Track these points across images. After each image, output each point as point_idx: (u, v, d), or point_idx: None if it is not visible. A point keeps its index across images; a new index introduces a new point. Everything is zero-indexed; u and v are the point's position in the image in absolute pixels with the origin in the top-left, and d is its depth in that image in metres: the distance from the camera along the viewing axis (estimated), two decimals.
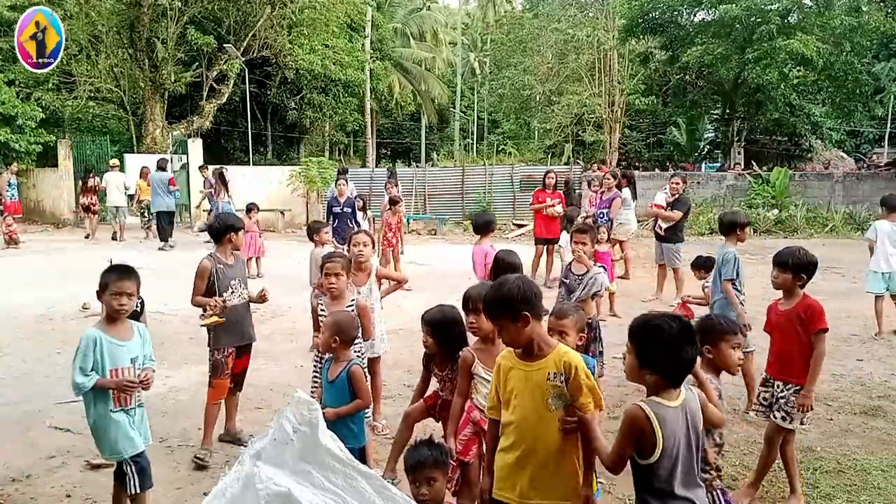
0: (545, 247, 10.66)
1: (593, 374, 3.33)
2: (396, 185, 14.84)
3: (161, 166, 15.37)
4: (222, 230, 4.62)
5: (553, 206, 10.47)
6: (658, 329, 2.40)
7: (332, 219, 10.50)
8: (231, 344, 4.60)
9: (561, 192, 11.23)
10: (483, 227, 6.42)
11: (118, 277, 3.40)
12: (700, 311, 8.44)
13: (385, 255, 10.69)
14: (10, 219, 15.16)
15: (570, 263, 5.46)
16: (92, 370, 3.31)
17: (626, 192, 11.34)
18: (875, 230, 7.74)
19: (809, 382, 3.81)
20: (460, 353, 3.35)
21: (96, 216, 16.77)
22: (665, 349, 2.37)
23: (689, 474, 2.42)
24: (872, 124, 29.74)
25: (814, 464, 4.35)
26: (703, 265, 8.60)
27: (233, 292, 4.56)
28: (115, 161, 17.27)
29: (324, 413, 3.24)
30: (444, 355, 3.59)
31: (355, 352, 3.65)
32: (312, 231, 7.28)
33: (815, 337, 3.80)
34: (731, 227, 5.49)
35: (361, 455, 3.53)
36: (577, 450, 2.65)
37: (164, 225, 14.62)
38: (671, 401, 2.38)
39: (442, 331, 3.53)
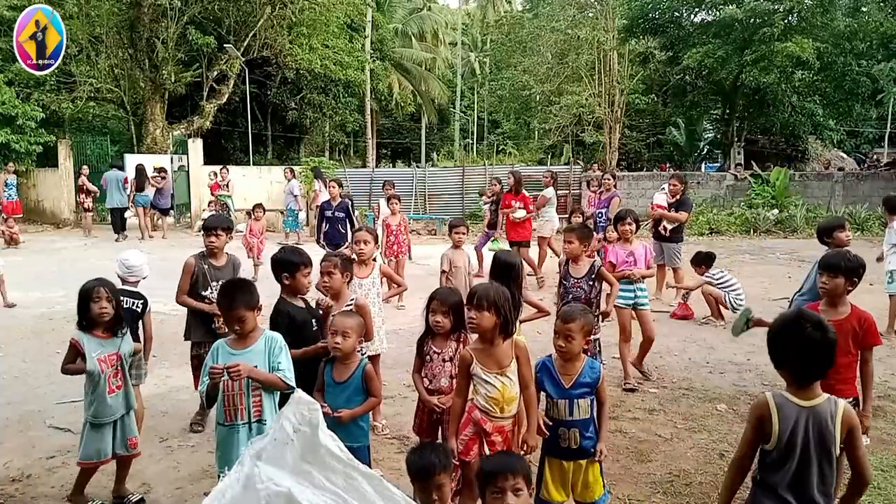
0: (517, 248, 10.50)
1: (600, 376, 3.35)
2: (324, 182, 15.20)
3: (117, 166, 16.75)
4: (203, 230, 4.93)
5: (515, 210, 10.52)
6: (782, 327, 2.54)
7: (323, 223, 9.72)
8: (203, 339, 4.76)
9: (528, 194, 11.19)
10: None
11: (224, 303, 3.37)
12: (699, 309, 8.50)
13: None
14: (12, 220, 15.18)
15: (567, 264, 5.45)
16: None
17: (550, 190, 11.77)
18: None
19: (868, 402, 3.68)
20: (459, 352, 3.38)
21: (90, 213, 17.03)
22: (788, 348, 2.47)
23: (803, 483, 2.43)
24: (872, 124, 29.75)
25: None
26: (703, 261, 8.63)
27: (211, 292, 4.73)
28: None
29: (339, 416, 3.26)
30: (447, 334, 3.72)
31: (357, 351, 3.67)
32: (451, 228, 6.80)
33: (868, 352, 3.66)
34: None
35: (369, 453, 3.56)
36: None
37: (117, 219, 16.09)
38: (800, 399, 2.45)
39: (457, 311, 3.64)
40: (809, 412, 2.41)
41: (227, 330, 4.59)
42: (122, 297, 4.59)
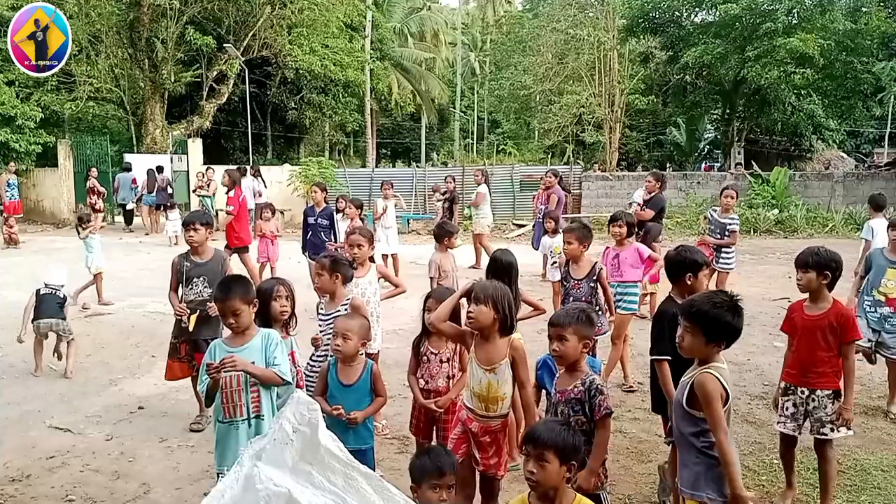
0: (238, 254, 9.65)
1: (598, 374, 3.33)
2: (259, 177, 16.22)
3: (127, 168, 18.28)
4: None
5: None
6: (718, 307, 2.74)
7: (306, 230, 9.04)
8: (177, 335, 4.93)
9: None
10: None
11: (219, 296, 3.38)
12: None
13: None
14: (13, 220, 15.18)
15: (567, 265, 5.42)
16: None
17: (483, 188, 12.13)
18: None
19: (849, 395, 3.71)
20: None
21: (101, 214, 17.02)
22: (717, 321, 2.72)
23: None
24: (872, 124, 29.74)
25: (813, 464, 4.34)
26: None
27: (191, 289, 4.87)
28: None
29: (354, 418, 3.29)
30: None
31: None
32: (443, 234, 6.37)
33: (847, 347, 3.67)
34: None
35: (373, 454, 3.57)
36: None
37: (127, 216, 18.06)
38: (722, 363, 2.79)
39: (453, 310, 3.45)
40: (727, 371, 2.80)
41: (190, 326, 4.75)
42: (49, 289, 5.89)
